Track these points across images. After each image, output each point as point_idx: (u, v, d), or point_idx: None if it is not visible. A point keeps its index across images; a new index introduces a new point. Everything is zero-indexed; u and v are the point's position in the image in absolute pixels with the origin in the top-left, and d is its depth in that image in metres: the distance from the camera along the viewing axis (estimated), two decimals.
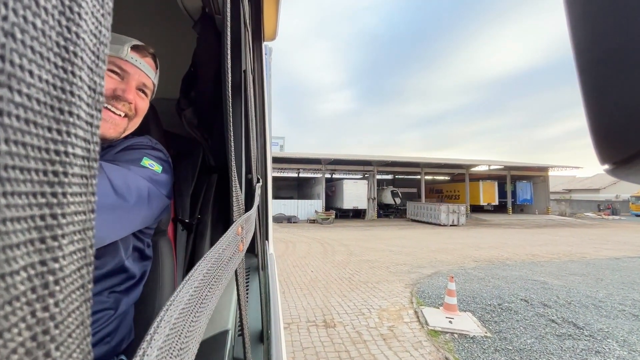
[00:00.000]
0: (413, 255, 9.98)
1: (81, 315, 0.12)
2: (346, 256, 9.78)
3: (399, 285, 6.50)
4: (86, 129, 0.12)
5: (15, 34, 0.09)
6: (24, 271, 0.09)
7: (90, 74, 0.12)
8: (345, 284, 6.66)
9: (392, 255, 9.96)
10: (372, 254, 10.09)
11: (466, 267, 8.20)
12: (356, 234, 16.04)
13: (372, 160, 25.66)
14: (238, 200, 0.53)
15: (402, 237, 14.52)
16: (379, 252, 10.56)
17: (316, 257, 9.67)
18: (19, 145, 0.09)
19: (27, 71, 0.09)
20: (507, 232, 17.23)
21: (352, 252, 10.54)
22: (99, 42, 0.13)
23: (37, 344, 0.10)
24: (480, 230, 18.03)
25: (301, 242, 12.81)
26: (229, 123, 0.56)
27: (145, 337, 0.17)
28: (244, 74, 1.02)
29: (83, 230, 0.12)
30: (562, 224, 22.56)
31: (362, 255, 9.89)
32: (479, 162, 28.06)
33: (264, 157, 1.82)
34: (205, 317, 0.27)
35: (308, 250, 10.94)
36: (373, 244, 12.48)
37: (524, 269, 8.00)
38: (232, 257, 0.39)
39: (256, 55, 1.45)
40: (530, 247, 11.79)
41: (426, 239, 14.16)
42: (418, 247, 11.53)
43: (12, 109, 0.09)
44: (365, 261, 9.01)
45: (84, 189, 0.12)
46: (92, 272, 0.13)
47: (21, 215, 0.09)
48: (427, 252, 10.61)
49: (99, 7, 0.13)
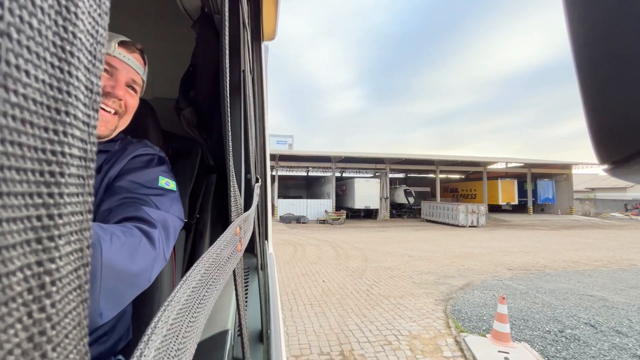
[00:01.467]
0: (436, 261, 8.91)
1: (78, 316, 0.12)
2: (361, 262, 8.78)
3: (428, 302, 5.46)
4: (83, 129, 0.12)
5: (12, 33, 0.09)
6: (21, 272, 0.09)
7: (87, 74, 0.12)
8: (364, 298, 5.66)
9: (413, 261, 8.92)
10: (390, 260, 9.07)
11: (501, 278, 7.09)
12: (369, 235, 14.99)
13: (385, 157, 24.49)
14: (236, 200, 0.53)
15: (420, 240, 13.41)
16: (397, 257, 9.52)
17: (328, 263, 8.70)
18: (15, 146, 0.09)
19: (24, 71, 0.09)
20: (533, 234, 15.93)
21: (368, 257, 9.52)
22: (95, 42, 0.13)
23: (34, 344, 0.10)
24: (503, 232, 16.73)
25: (311, 245, 11.84)
26: (228, 123, 0.54)
27: (142, 337, 0.17)
28: (243, 73, 1.03)
29: (80, 231, 0.12)
30: (590, 224, 21.10)
31: (379, 261, 8.88)
32: (497, 159, 26.57)
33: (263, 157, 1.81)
34: (204, 318, 0.27)
35: (319, 254, 9.96)
36: (389, 247, 11.43)
37: (571, 281, 6.85)
38: (230, 257, 0.39)
39: (255, 55, 1.44)
40: (566, 252, 10.57)
41: (446, 242, 13.02)
42: (440, 252, 10.44)
43: (8, 109, 0.09)
44: (384, 269, 7.99)
45: (80, 189, 0.12)
46: (89, 272, 0.13)
47: (18, 216, 0.09)
48: (451, 257, 9.53)
49: (96, 6, 0.12)
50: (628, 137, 0.18)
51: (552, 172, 29.02)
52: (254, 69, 1.43)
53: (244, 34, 1.02)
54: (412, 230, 17.35)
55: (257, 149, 1.48)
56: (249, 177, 1.11)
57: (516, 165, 28.09)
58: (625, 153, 0.19)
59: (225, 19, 0.47)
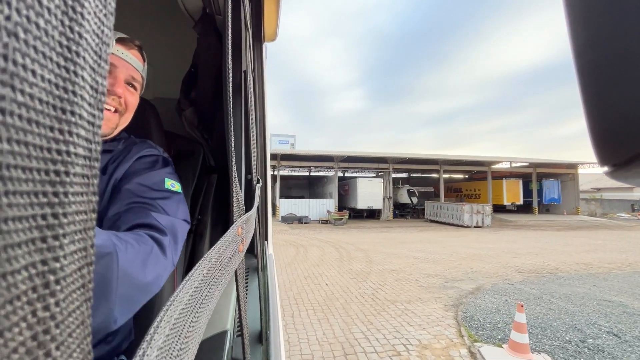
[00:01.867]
0: (443, 263, 8.62)
1: (82, 314, 0.12)
2: (365, 264, 8.50)
3: (436, 307, 5.18)
4: (88, 129, 0.12)
5: (19, 33, 0.09)
6: (25, 270, 0.09)
7: (93, 74, 0.12)
8: (369, 303, 5.38)
9: (419, 263, 8.63)
10: (395, 262, 8.79)
11: (512, 281, 6.77)
12: (373, 236, 14.68)
13: (388, 157, 24.13)
14: (238, 200, 0.53)
15: (424, 241, 13.10)
16: (402, 259, 9.23)
17: (331, 265, 8.43)
18: (21, 145, 0.09)
19: (30, 70, 0.09)
20: (540, 234, 15.59)
21: (372, 259, 9.24)
22: (101, 42, 0.13)
23: (38, 343, 0.10)
24: (509, 233, 16.36)
25: (313, 246, 11.56)
26: (229, 123, 0.55)
27: (145, 337, 0.17)
28: (245, 74, 1.03)
29: (84, 230, 0.12)
30: (597, 225, 20.66)
31: (384, 264, 8.60)
32: (502, 159, 26.17)
33: (264, 158, 1.79)
34: (205, 317, 0.27)
35: (321, 256, 9.69)
36: (394, 248, 11.13)
37: (586, 284, 6.53)
38: (232, 257, 0.39)
39: (256, 55, 1.44)
40: (577, 253, 10.22)
41: (452, 243, 12.71)
42: (446, 253, 10.13)
43: (14, 108, 0.09)
44: (389, 271, 7.70)
45: (85, 188, 0.12)
46: (92, 271, 0.13)
47: (23, 215, 0.09)
48: (457, 259, 9.22)
49: (102, 7, 0.13)
50: (629, 140, 0.18)
51: (558, 172, 28.55)
52: (255, 70, 1.43)
53: (246, 34, 1.02)
54: (416, 231, 17.02)
55: (257, 149, 1.47)
56: (250, 177, 1.11)
57: (521, 164, 27.66)
58: (626, 155, 0.19)
59: (228, 20, 0.47)
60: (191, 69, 1.25)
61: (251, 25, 1.20)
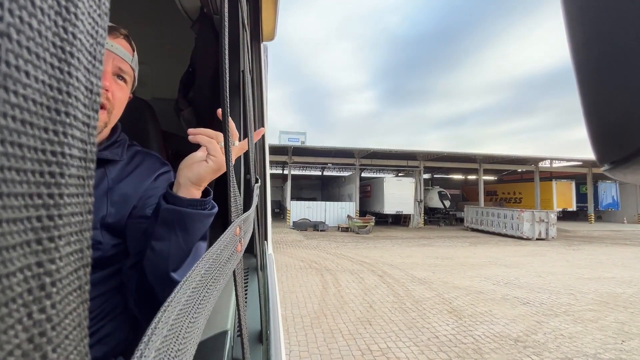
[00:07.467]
0: (586, 321, 4.89)
1: (78, 316, 0.12)
2: (453, 321, 4.81)
3: None
4: (83, 130, 0.12)
5: (11, 34, 0.09)
6: (21, 273, 0.09)
7: (87, 75, 0.12)
8: None
9: (547, 320, 4.91)
10: (498, 311, 5.15)
11: None
12: (415, 252, 10.94)
13: (417, 152, 20.41)
14: (236, 200, 0.52)
15: (495, 263, 9.30)
16: (499, 304, 5.56)
17: (391, 321, 4.79)
18: (15, 147, 0.09)
19: (24, 72, 0.09)
20: (632, 252, 11.62)
21: (453, 305, 5.54)
22: (95, 43, 0.13)
23: (34, 345, 0.09)
24: (594, 250, 11.97)
25: (345, 272, 7.83)
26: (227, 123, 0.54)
27: (142, 338, 0.16)
28: (242, 74, 1.03)
29: (80, 232, 0.12)
30: None
31: (477, 315, 5.00)
32: (552, 157, 22.21)
33: (263, 158, 1.81)
34: (204, 318, 0.27)
35: (365, 296, 5.89)
36: (465, 277, 7.45)
37: None
38: (230, 257, 0.39)
39: (254, 55, 1.44)
40: None
41: (537, 266, 8.89)
42: (560, 291, 6.40)
43: (8, 110, 0.09)
44: (500, 337, 4.11)
45: (80, 190, 0.12)
46: (89, 273, 0.13)
47: (18, 217, 0.09)
48: (590, 303, 5.63)
49: (96, 7, 0.12)
50: (627, 137, 0.18)
51: None
52: (253, 70, 1.43)
53: (244, 34, 1.02)
54: (466, 244, 13.17)
55: (256, 149, 1.45)
56: (249, 177, 1.11)
57: (574, 164, 23.54)
58: (624, 153, 0.18)
59: (225, 20, 0.46)
60: (189, 69, 1.26)
61: (249, 24, 1.19)
